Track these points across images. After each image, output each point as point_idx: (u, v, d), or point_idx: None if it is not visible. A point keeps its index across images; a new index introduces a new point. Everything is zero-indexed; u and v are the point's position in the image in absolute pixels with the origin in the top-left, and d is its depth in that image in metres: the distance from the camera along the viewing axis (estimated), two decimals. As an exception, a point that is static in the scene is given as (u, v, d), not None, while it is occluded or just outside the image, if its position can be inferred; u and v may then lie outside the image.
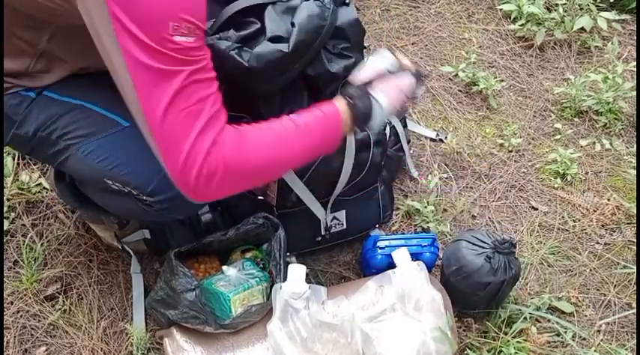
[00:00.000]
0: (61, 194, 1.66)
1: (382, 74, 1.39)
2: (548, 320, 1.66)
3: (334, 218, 1.69)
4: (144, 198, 1.35)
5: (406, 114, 2.04)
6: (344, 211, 1.69)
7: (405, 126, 1.97)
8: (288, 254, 1.59)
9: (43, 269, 1.70)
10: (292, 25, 1.35)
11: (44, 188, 1.85)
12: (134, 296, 1.64)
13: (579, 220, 1.94)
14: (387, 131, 1.76)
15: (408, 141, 1.98)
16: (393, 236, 1.72)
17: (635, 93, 2.24)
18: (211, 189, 1.12)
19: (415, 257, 1.63)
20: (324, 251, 1.77)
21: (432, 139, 2.10)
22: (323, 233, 1.69)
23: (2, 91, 1.33)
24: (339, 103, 1.31)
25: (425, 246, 1.67)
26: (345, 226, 1.71)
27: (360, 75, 1.39)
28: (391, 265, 1.60)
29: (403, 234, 1.80)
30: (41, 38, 1.25)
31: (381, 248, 1.65)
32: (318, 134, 1.26)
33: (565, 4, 2.48)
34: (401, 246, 1.63)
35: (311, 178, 1.57)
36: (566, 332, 1.63)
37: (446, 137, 2.11)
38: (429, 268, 1.66)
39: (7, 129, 1.36)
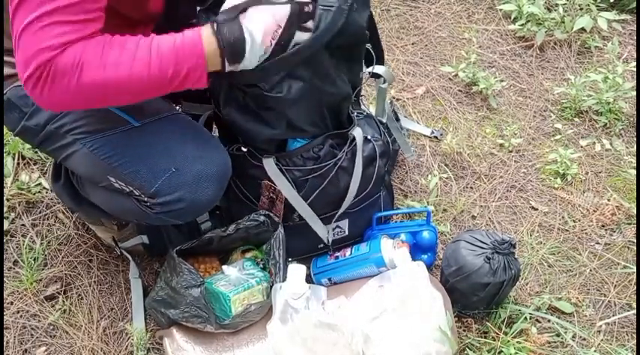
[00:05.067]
0: (58, 194, 1.66)
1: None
2: (549, 321, 1.66)
3: (337, 226, 1.68)
4: (145, 199, 1.34)
5: (397, 112, 2.03)
6: (347, 220, 1.69)
7: (397, 120, 1.97)
8: (289, 259, 1.59)
9: (43, 270, 1.70)
10: None
11: (44, 188, 1.85)
12: (133, 298, 1.63)
13: (579, 220, 1.94)
14: (389, 139, 1.75)
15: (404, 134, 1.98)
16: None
17: (635, 93, 2.24)
18: (44, 92, 1.08)
19: (413, 236, 1.70)
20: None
21: (430, 138, 2.10)
22: (325, 244, 1.70)
23: (2, 95, 1.33)
24: (205, 31, 1.14)
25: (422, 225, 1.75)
26: (347, 233, 1.72)
27: None
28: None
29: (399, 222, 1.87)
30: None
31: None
32: (171, 64, 1.10)
33: (565, 4, 2.48)
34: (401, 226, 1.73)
35: (317, 199, 1.56)
36: (566, 332, 1.63)
37: (441, 134, 2.11)
38: (429, 266, 1.67)
39: (17, 121, 1.35)
